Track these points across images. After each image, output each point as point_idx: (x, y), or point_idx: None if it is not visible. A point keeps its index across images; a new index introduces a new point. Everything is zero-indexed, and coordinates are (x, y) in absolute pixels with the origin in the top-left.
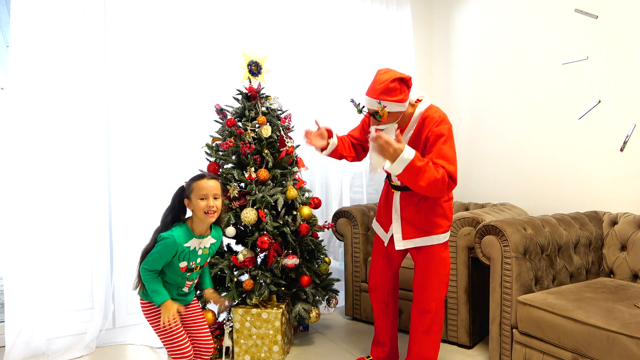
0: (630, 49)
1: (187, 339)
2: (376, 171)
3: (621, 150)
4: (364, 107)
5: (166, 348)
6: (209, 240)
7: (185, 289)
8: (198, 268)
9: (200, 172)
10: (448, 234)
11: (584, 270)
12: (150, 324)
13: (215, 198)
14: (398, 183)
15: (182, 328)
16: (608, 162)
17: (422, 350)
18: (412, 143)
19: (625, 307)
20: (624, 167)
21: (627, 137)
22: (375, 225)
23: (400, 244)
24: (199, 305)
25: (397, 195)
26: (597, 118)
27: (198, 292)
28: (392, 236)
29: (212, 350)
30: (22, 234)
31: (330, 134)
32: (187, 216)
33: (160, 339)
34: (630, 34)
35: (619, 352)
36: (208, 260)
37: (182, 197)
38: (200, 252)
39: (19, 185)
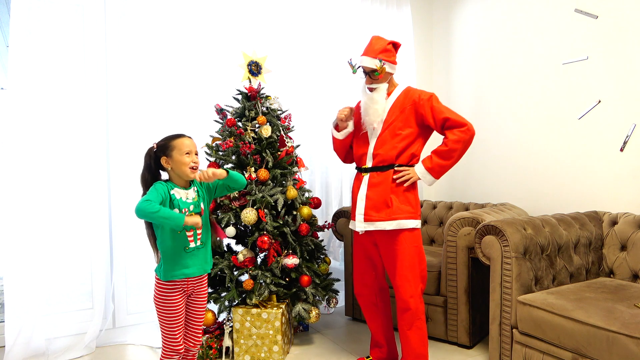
0: (630, 49)
1: (182, 336)
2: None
3: (621, 150)
4: (359, 67)
5: (161, 334)
6: (194, 190)
7: (192, 244)
8: (194, 215)
9: (174, 133)
10: (414, 222)
11: (584, 270)
12: (156, 305)
13: (195, 154)
14: (368, 165)
15: (182, 323)
16: (608, 162)
17: (412, 348)
18: (395, 107)
19: (625, 307)
20: (624, 167)
21: (627, 137)
22: (351, 223)
23: (361, 225)
24: (206, 291)
25: (366, 178)
26: (597, 118)
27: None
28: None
29: (199, 343)
30: (22, 234)
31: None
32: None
33: (160, 323)
34: (630, 34)
35: (619, 352)
36: (203, 208)
37: (156, 156)
38: (190, 200)
39: (19, 186)
